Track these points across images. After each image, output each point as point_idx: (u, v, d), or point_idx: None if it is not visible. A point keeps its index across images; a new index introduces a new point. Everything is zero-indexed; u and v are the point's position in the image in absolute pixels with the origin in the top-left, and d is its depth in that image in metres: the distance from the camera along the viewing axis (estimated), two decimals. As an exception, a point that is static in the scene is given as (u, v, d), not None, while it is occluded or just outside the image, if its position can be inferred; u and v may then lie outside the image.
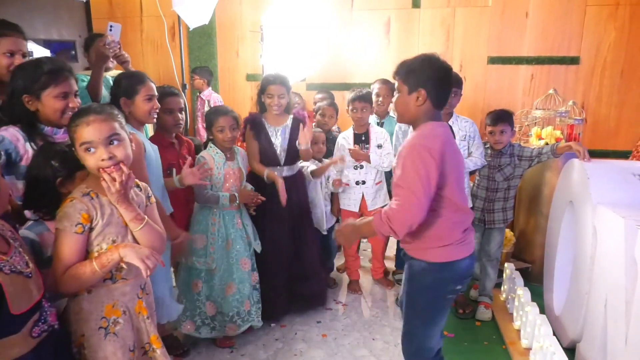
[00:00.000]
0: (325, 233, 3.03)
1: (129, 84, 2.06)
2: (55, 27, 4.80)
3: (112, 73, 2.60)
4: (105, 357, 1.41)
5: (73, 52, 4.94)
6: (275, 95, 2.61)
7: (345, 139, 3.03)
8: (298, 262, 2.78)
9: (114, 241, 1.41)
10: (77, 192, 1.39)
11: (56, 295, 1.41)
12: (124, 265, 1.39)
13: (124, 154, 1.41)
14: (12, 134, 1.65)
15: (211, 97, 4.45)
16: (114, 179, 1.36)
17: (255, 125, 2.67)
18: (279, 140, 2.69)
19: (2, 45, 1.83)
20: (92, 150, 1.36)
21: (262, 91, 2.67)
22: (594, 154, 3.95)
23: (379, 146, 2.94)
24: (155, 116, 2.15)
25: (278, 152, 2.68)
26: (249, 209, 2.57)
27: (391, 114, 3.51)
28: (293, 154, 2.73)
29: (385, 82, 3.27)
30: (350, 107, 2.97)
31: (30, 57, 1.91)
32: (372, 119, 3.22)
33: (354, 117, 2.97)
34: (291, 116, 2.75)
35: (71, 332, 1.41)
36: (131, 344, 1.47)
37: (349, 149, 2.96)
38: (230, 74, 4.80)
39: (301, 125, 2.70)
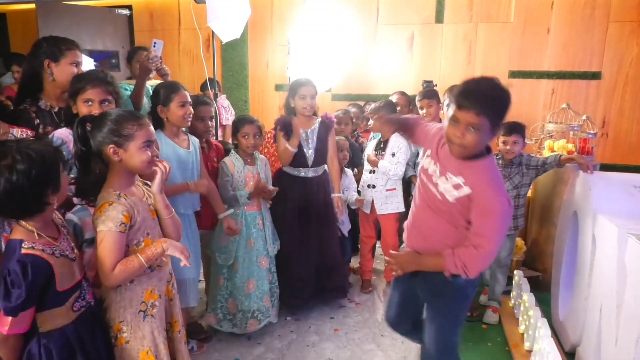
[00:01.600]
0: (346, 236, 3.25)
1: (165, 94, 2.31)
2: (100, 38, 5.19)
3: (151, 82, 2.87)
4: (143, 337, 1.58)
5: (114, 61, 5.31)
6: (308, 96, 2.80)
7: (370, 145, 3.31)
8: (321, 257, 2.94)
9: (147, 233, 1.61)
10: (111, 196, 1.53)
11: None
12: (164, 258, 1.60)
13: None
14: (65, 135, 1.92)
15: (219, 100, 4.65)
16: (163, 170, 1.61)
17: (284, 127, 2.84)
18: (308, 142, 2.87)
19: (69, 56, 2.15)
20: (151, 146, 1.59)
21: (292, 94, 2.85)
22: (615, 168, 4.01)
23: (393, 154, 3.12)
24: (190, 120, 2.38)
25: (307, 154, 2.87)
26: (267, 202, 2.75)
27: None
28: (321, 156, 2.91)
29: (403, 93, 3.59)
30: None
31: None
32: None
33: None
34: (319, 119, 2.93)
35: (109, 318, 1.58)
36: (164, 324, 1.68)
37: (368, 154, 3.22)
38: (260, 83, 5.07)
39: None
